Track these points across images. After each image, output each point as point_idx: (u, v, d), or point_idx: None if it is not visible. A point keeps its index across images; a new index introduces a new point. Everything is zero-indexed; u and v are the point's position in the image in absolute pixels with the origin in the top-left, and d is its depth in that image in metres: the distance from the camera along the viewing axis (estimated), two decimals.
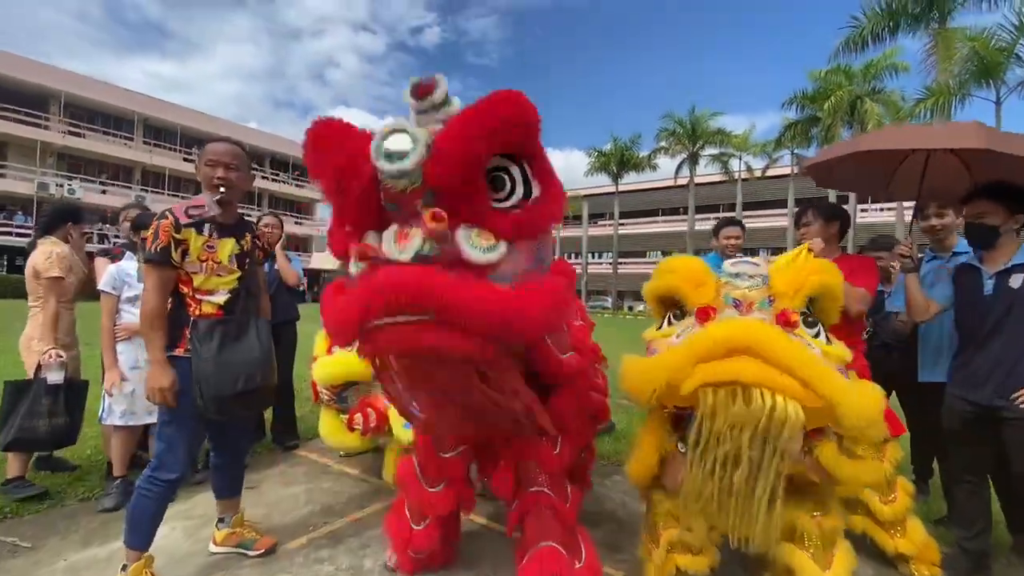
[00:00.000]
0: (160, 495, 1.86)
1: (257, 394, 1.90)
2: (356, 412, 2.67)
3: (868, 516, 2.26)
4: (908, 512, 2.23)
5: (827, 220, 2.54)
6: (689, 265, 1.81)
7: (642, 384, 1.50)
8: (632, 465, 1.81)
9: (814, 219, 2.55)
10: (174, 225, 1.83)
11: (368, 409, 2.59)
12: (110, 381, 2.53)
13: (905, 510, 2.22)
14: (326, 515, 2.60)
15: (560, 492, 1.79)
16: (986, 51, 11.84)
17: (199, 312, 1.89)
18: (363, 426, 2.61)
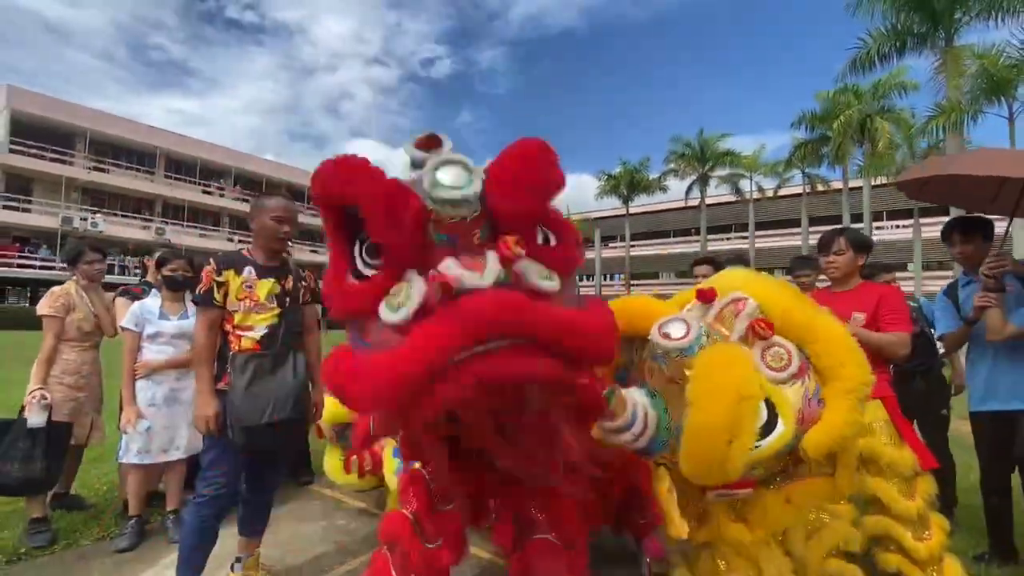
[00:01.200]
0: (207, 517, 1.95)
1: (285, 426, 1.93)
2: (352, 455, 2.67)
3: (902, 554, 2.15)
4: (944, 549, 2.12)
5: (857, 251, 2.48)
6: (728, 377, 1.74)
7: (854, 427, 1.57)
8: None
9: (847, 248, 2.47)
10: (215, 270, 1.99)
11: (363, 452, 2.58)
12: (126, 418, 2.54)
13: (941, 547, 2.11)
14: (341, 555, 2.55)
15: (569, 539, 1.68)
16: (995, 68, 11.82)
17: (239, 347, 1.99)
18: (359, 469, 2.63)
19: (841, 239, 2.44)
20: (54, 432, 2.53)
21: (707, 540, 1.69)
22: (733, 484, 1.54)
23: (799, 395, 1.52)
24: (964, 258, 2.58)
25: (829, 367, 1.57)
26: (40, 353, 2.63)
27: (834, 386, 1.56)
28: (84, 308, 2.79)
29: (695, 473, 1.45)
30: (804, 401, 1.52)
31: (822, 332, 1.64)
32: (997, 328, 2.28)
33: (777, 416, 1.46)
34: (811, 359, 1.60)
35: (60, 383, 2.65)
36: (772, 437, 1.44)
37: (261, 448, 1.99)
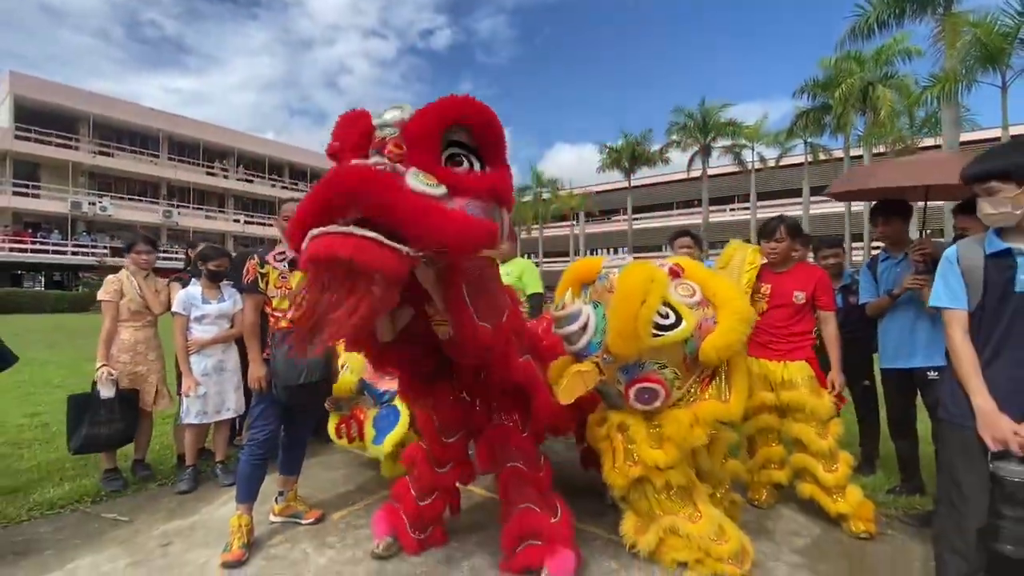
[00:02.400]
0: (256, 455, 2.45)
1: (316, 386, 2.46)
2: (343, 423, 3.14)
3: (815, 483, 2.67)
4: (847, 479, 2.63)
5: (793, 237, 2.93)
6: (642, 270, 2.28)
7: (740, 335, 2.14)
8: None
9: (785, 236, 2.91)
10: (259, 263, 2.49)
11: (351, 421, 3.06)
12: (186, 386, 3.06)
13: (845, 477, 2.62)
14: (361, 493, 3.10)
15: (532, 464, 2.19)
16: (989, 37, 11.83)
17: (277, 326, 2.46)
18: (347, 434, 3.09)
19: (781, 228, 2.88)
20: (124, 399, 3.06)
21: (640, 475, 2.19)
22: (648, 378, 2.09)
23: (699, 316, 2.15)
24: (885, 237, 3.00)
25: (722, 301, 2.20)
26: (101, 334, 3.12)
27: (724, 311, 2.17)
28: (132, 291, 3.22)
29: (619, 336, 1.98)
30: (703, 320, 2.15)
31: (720, 281, 2.31)
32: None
33: (681, 318, 2.07)
34: (711, 298, 2.24)
35: (117, 360, 3.13)
36: (677, 329, 2.05)
37: (297, 403, 2.50)
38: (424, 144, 1.57)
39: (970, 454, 1.66)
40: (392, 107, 1.67)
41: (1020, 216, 1.61)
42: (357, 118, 1.70)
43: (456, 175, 1.62)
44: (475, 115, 1.68)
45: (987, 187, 1.66)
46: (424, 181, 1.49)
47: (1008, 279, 1.64)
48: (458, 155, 1.69)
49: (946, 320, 1.76)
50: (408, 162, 1.52)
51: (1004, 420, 1.56)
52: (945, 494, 1.77)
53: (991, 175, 1.65)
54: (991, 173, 1.65)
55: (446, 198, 1.52)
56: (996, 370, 1.64)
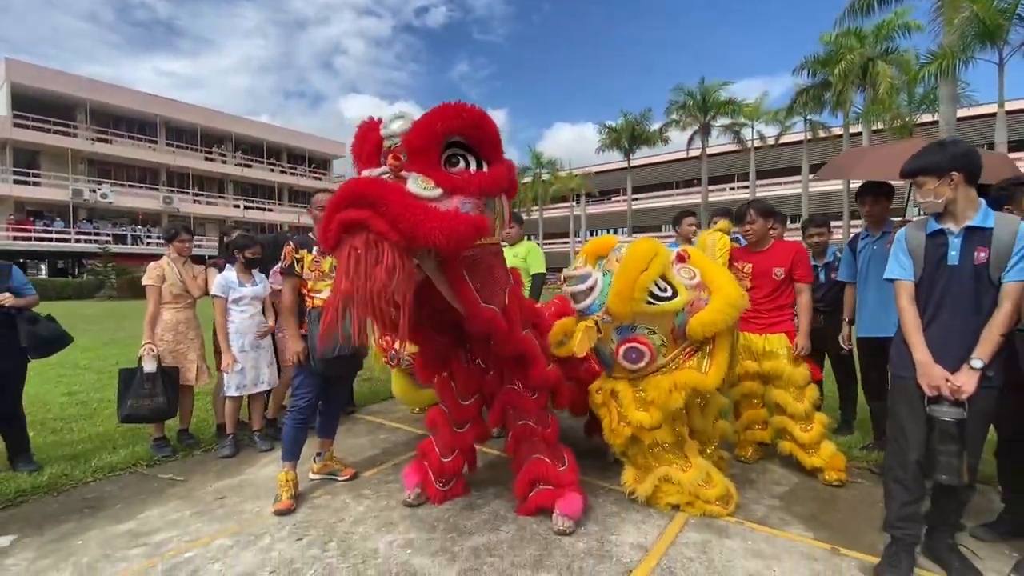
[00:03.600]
0: (299, 420, 2.76)
1: (348, 358, 2.76)
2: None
3: (792, 440, 3.00)
4: (821, 437, 2.96)
5: (766, 217, 3.21)
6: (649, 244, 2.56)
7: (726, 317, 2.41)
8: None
9: (757, 217, 3.20)
10: (295, 249, 2.77)
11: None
12: (226, 362, 3.36)
13: (819, 436, 2.95)
14: (388, 455, 3.44)
15: (541, 421, 2.49)
16: (987, 13, 11.87)
17: (312, 304, 2.76)
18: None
19: (751, 210, 3.16)
20: (166, 374, 3.35)
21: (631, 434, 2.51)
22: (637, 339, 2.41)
23: (693, 295, 2.48)
24: (871, 215, 3.26)
25: (718, 287, 2.51)
26: (146, 316, 3.41)
27: (717, 295, 2.48)
28: (173, 276, 3.51)
29: (618, 296, 2.31)
30: (696, 299, 2.48)
31: (719, 271, 2.62)
32: None
33: (676, 293, 2.41)
34: (708, 283, 2.55)
35: (160, 339, 3.42)
36: (673, 300, 2.39)
37: (333, 374, 2.81)
38: (422, 153, 1.87)
39: (911, 400, 1.98)
40: (395, 117, 1.95)
41: (943, 204, 1.95)
42: (368, 130, 2.02)
43: (451, 177, 1.93)
44: (468, 125, 1.98)
45: (916, 181, 2.01)
46: (421, 185, 1.79)
47: (942, 255, 1.95)
48: (456, 156, 2.00)
49: (896, 289, 2.08)
50: (409, 168, 1.82)
51: (937, 369, 1.87)
52: (892, 435, 2.09)
53: (916, 172, 2.00)
54: (915, 170, 2.00)
55: (442, 198, 1.82)
56: (933, 329, 1.96)
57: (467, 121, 1.96)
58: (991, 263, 1.89)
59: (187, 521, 2.57)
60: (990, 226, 1.91)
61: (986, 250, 1.90)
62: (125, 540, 2.40)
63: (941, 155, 1.95)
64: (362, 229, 1.68)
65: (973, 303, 1.92)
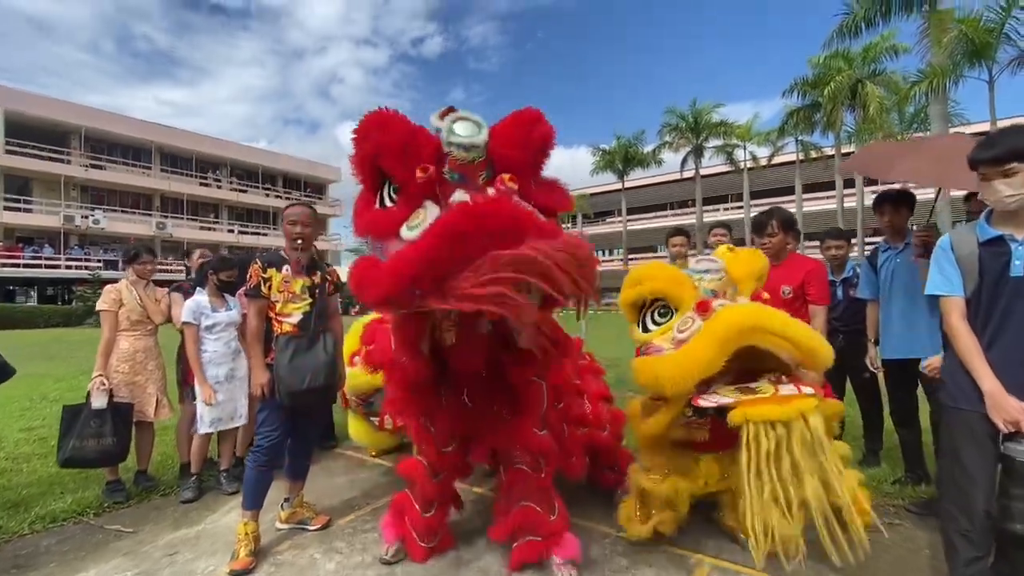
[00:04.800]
0: (262, 462, 2.42)
1: (320, 391, 2.43)
2: (384, 415, 3.19)
3: None
4: (846, 464, 2.61)
5: (787, 230, 2.95)
6: (668, 270, 2.25)
7: (680, 378, 1.83)
8: (648, 426, 2.21)
9: (778, 229, 2.95)
10: (262, 268, 2.44)
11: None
12: (206, 395, 3.01)
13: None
14: (367, 498, 3.08)
15: (536, 465, 2.16)
16: (975, 32, 11.97)
17: (280, 330, 2.45)
18: (393, 426, 3.20)
19: (773, 222, 2.90)
20: (118, 411, 2.98)
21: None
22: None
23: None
24: (891, 226, 3.00)
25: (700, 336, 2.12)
26: (100, 345, 3.08)
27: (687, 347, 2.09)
28: (132, 301, 3.18)
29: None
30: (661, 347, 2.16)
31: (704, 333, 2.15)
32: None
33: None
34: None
35: (116, 370, 3.08)
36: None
37: (302, 408, 2.48)
38: (525, 172, 1.67)
39: (977, 438, 1.67)
40: (460, 120, 1.66)
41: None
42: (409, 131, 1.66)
43: (542, 195, 1.76)
44: (550, 139, 1.80)
45: (1006, 168, 1.63)
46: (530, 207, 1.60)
47: (1003, 265, 1.66)
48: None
49: (944, 307, 1.78)
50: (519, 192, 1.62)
51: (1013, 401, 1.57)
52: (949, 477, 1.78)
53: (1014, 156, 1.62)
54: (1014, 153, 1.62)
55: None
56: (995, 352, 1.66)
57: (549, 139, 1.80)
58: None
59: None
60: None
61: None
62: None
63: None
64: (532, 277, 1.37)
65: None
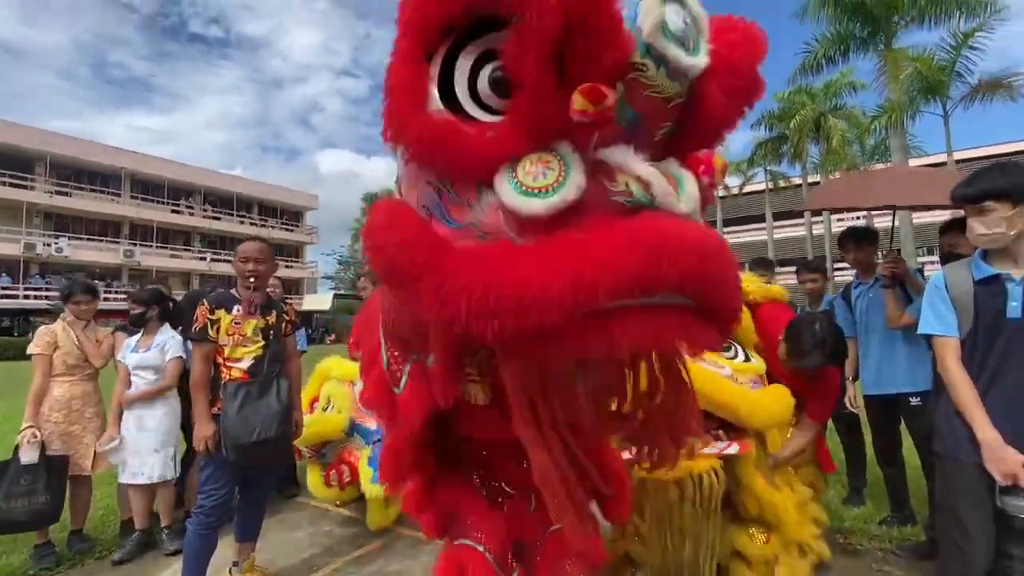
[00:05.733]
0: (204, 525, 2.19)
1: (272, 443, 2.21)
2: (332, 469, 2.99)
3: None
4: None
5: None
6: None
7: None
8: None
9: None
10: (209, 309, 2.25)
11: (342, 465, 2.93)
12: (107, 436, 2.84)
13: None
14: (328, 556, 2.83)
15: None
16: (928, 71, 12.65)
17: (229, 376, 2.25)
18: (339, 481, 2.94)
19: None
20: (51, 465, 2.70)
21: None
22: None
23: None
24: (857, 263, 3.01)
25: None
26: (30, 392, 2.80)
27: None
28: (68, 343, 2.91)
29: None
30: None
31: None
32: (894, 317, 2.68)
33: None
34: None
35: (48, 420, 2.80)
36: None
37: (252, 463, 2.26)
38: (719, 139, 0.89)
39: (974, 491, 1.58)
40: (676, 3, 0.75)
41: (1012, 238, 1.57)
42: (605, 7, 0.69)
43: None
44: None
45: (982, 207, 1.60)
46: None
47: (1000, 306, 1.60)
48: None
49: (938, 348, 1.71)
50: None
51: (1010, 452, 1.49)
52: (947, 535, 1.68)
53: (988, 195, 1.60)
54: (989, 193, 1.60)
55: None
56: (993, 398, 1.58)
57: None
58: None
59: None
60: None
61: None
62: None
63: (1017, 177, 1.58)
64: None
65: None
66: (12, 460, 2.65)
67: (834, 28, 15.17)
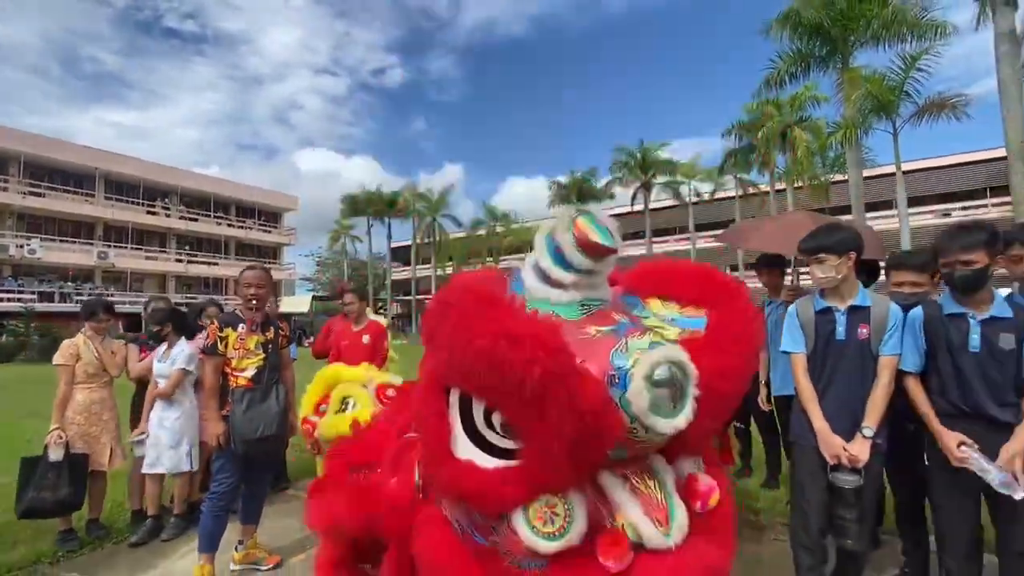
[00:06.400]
0: (218, 507, 2.64)
1: (272, 439, 2.70)
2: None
3: None
4: None
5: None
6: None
7: None
8: None
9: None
10: (219, 328, 2.71)
11: None
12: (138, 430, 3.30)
13: None
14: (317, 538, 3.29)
15: None
16: (879, 90, 13.55)
17: (236, 383, 2.70)
18: None
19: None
20: (74, 462, 3.13)
21: None
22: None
23: None
24: (768, 285, 3.60)
25: None
26: (56, 398, 3.22)
27: None
28: (89, 354, 3.34)
29: None
30: None
31: None
32: None
33: None
34: None
35: (72, 423, 3.22)
36: None
37: (256, 456, 2.73)
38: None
39: (811, 467, 2.13)
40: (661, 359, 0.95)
41: (839, 280, 2.13)
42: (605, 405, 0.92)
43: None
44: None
45: (818, 257, 2.16)
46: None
47: (831, 330, 2.16)
48: None
49: (792, 362, 2.27)
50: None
51: (836, 439, 2.04)
52: (796, 501, 2.24)
53: (820, 248, 2.15)
54: (821, 247, 2.15)
55: None
56: (828, 399, 2.14)
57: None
58: (872, 338, 2.11)
59: None
60: (868, 304, 2.13)
61: (867, 326, 2.11)
62: None
63: (843, 235, 2.13)
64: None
65: (860, 374, 2.11)
66: (42, 458, 3.06)
67: (795, 47, 16.11)
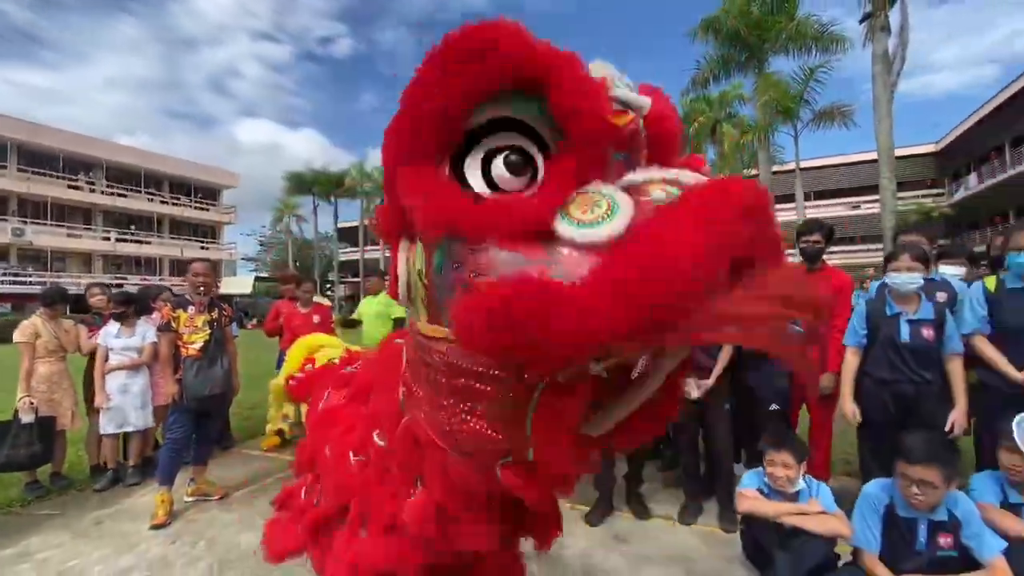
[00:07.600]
0: (174, 449, 3.34)
1: (219, 396, 3.43)
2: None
3: None
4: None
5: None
6: None
7: None
8: None
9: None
10: (172, 309, 3.37)
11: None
12: (99, 399, 3.85)
13: None
14: (260, 476, 4.05)
15: None
16: (782, 98, 15.16)
17: (187, 353, 3.36)
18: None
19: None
20: (43, 423, 3.70)
21: None
22: None
23: None
24: None
25: None
26: (21, 371, 3.76)
27: None
28: (47, 333, 3.89)
29: None
30: None
31: None
32: None
33: None
34: None
35: (36, 391, 3.77)
36: None
37: (205, 410, 3.45)
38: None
39: None
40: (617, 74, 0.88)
41: None
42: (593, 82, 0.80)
43: None
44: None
45: None
46: None
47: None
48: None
49: None
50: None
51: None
52: None
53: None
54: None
55: None
56: None
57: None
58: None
59: (69, 543, 3.03)
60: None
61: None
62: (12, 560, 2.84)
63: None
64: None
65: None
66: (14, 420, 3.62)
67: (717, 51, 17.51)
